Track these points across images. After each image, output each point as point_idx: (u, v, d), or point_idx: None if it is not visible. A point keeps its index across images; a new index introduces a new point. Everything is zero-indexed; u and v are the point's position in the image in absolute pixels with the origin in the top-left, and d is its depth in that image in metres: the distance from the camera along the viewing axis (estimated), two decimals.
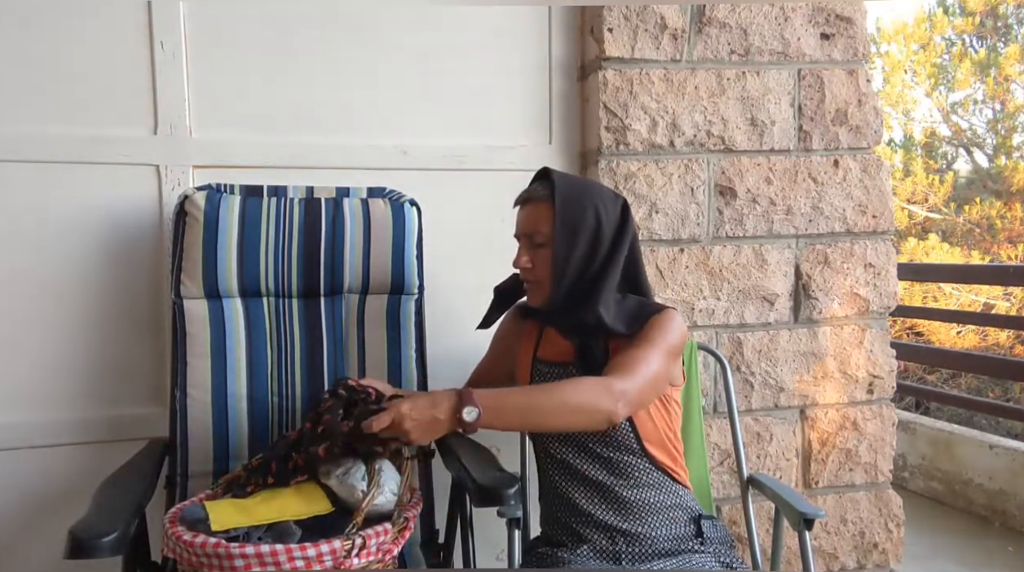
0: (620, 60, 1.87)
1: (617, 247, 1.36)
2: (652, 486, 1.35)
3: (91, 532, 1.03)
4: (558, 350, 1.42)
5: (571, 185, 1.38)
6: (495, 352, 1.62)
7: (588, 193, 1.38)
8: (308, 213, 1.59)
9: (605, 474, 1.35)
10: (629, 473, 1.34)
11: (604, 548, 1.32)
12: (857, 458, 2.07)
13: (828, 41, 2.00)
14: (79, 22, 1.65)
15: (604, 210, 1.36)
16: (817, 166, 2.01)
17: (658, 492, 1.36)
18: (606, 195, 1.40)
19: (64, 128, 1.65)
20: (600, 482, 1.35)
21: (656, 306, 1.38)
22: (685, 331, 1.37)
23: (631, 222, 1.40)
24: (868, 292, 2.06)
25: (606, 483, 1.34)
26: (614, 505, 1.34)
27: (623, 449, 1.34)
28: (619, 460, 1.34)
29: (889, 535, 2.11)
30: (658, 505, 1.35)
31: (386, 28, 1.83)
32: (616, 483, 1.34)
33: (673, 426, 1.40)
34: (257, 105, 1.77)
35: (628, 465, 1.34)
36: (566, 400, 1.21)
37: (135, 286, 1.70)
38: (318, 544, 1.11)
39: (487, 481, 1.21)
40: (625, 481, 1.34)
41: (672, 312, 1.35)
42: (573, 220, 1.34)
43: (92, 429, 1.68)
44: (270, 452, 1.35)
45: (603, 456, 1.35)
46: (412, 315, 1.65)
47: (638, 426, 1.34)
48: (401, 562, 1.43)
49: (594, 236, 1.35)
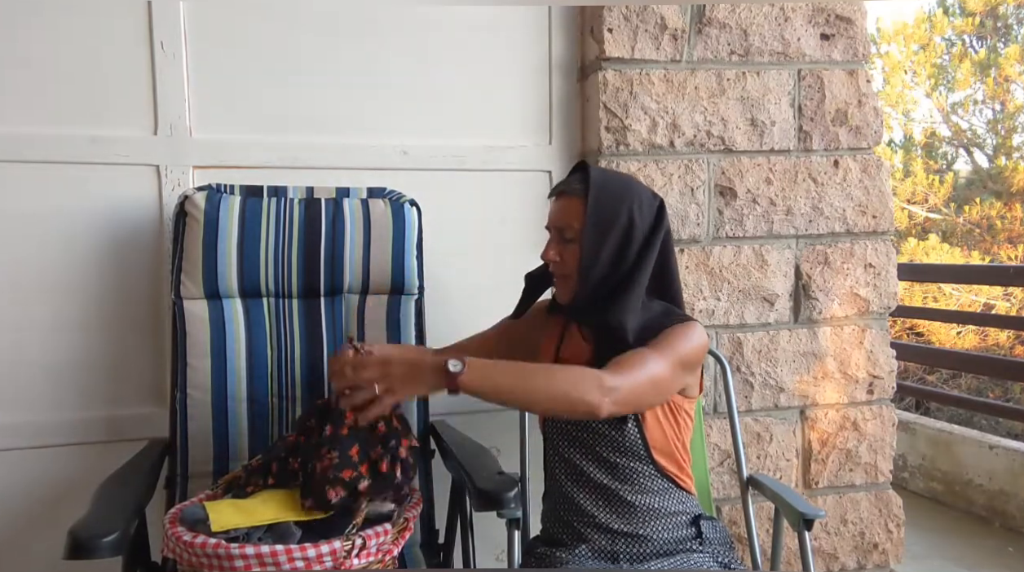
0: (620, 60, 1.87)
1: (648, 249, 1.34)
2: (656, 492, 1.35)
3: (91, 532, 1.03)
4: (578, 351, 1.40)
5: (607, 181, 1.35)
6: (499, 331, 1.56)
7: (624, 191, 1.34)
8: (308, 213, 1.59)
9: (610, 478, 1.34)
10: (635, 479, 1.34)
11: (603, 548, 1.32)
12: (857, 458, 2.07)
13: (828, 41, 2.00)
14: (79, 22, 1.65)
15: (639, 210, 1.33)
16: (817, 166, 2.01)
17: (662, 498, 1.35)
18: (644, 195, 1.36)
19: (64, 128, 1.65)
20: (605, 485, 1.34)
21: (680, 316, 1.35)
22: (705, 344, 1.34)
23: (665, 224, 1.37)
24: (868, 292, 2.06)
25: (611, 487, 1.34)
26: (617, 508, 1.34)
27: (630, 455, 1.34)
28: (625, 465, 1.34)
29: (889, 535, 2.11)
30: (661, 510, 1.34)
31: (386, 28, 1.83)
32: (621, 488, 1.34)
33: (682, 436, 1.38)
34: (257, 105, 1.77)
35: (634, 471, 1.34)
36: (554, 382, 1.18)
37: (135, 286, 1.70)
38: (318, 545, 1.11)
39: (487, 485, 1.21)
40: (630, 486, 1.34)
41: (694, 324, 1.33)
42: (605, 218, 1.31)
43: (92, 429, 1.68)
44: (270, 453, 1.35)
45: (610, 460, 1.34)
46: (412, 315, 1.64)
47: (647, 433, 1.33)
48: (401, 562, 1.43)
49: (625, 236, 1.32)
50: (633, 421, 1.33)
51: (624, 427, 1.32)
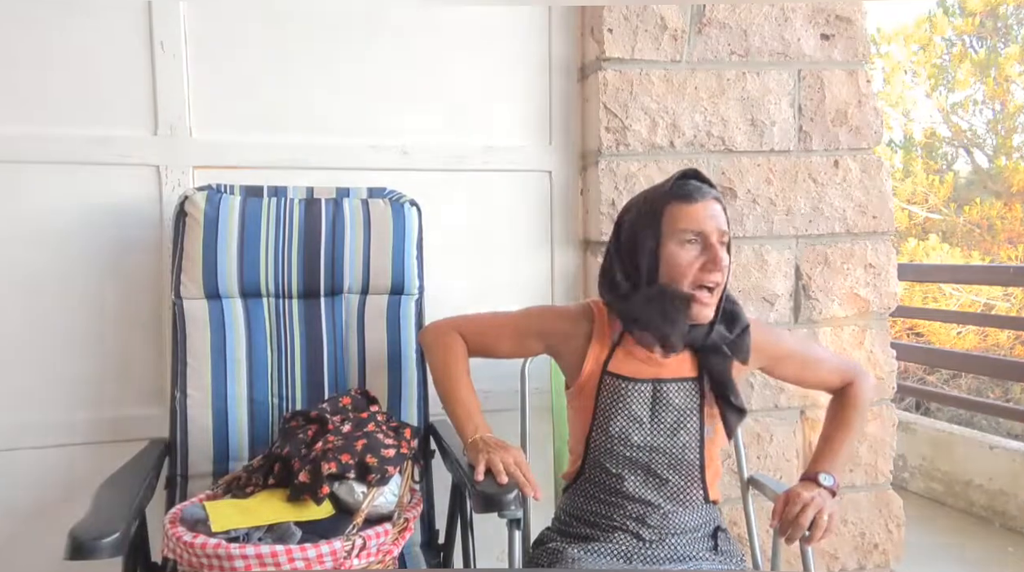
0: (620, 60, 1.87)
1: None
2: (695, 508, 1.37)
3: (91, 533, 1.02)
4: (637, 367, 1.35)
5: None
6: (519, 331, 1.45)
7: None
8: (308, 214, 1.59)
9: (655, 494, 1.34)
10: (679, 497, 1.35)
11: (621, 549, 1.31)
12: (857, 459, 2.07)
13: (828, 42, 2.00)
14: (79, 22, 1.65)
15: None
16: (817, 166, 2.01)
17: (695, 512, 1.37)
18: None
19: (64, 128, 1.65)
20: (648, 501, 1.34)
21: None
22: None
23: None
24: (868, 292, 2.05)
25: (654, 501, 1.34)
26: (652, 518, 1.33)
27: (683, 474, 1.35)
28: (676, 483, 1.34)
29: (889, 536, 2.10)
30: (690, 524, 1.35)
31: (386, 28, 1.83)
32: (665, 504, 1.34)
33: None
34: (257, 105, 1.76)
35: (681, 489, 1.35)
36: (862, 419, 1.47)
37: (135, 287, 1.70)
38: (318, 545, 1.11)
39: (488, 486, 1.21)
40: (673, 506, 1.35)
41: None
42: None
43: (92, 429, 1.68)
44: (270, 453, 1.35)
45: (662, 477, 1.34)
46: (412, 315, 1.64)
47: (705, 453, 1.36)
48: (401, 562, 1.43)
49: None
50: (698, 441, 1.34)
51: (688, 445, 1.34)
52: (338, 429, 1.32)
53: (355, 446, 1.26)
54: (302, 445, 1.29)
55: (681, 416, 1.34)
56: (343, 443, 1.26)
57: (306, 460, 1.24)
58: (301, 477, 1.22)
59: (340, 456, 1.23)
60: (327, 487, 1.21)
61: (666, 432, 1.33)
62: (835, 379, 1.47)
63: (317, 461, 1.22)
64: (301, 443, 1.30)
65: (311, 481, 1.21)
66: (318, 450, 1.25)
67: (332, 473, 1.21)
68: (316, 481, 1.21)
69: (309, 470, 1.22)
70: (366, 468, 1.23)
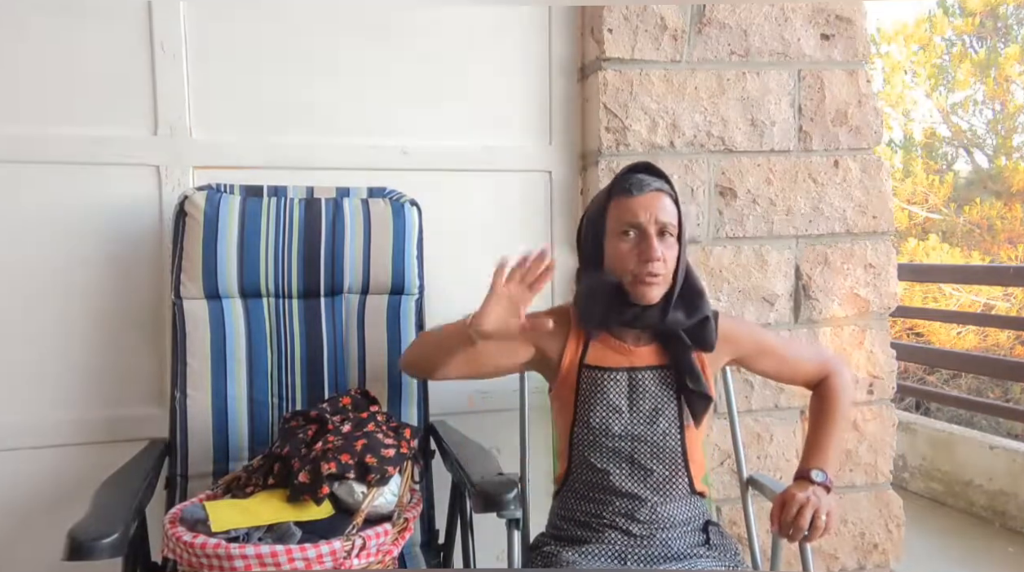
0: (620, 60, 1.87)
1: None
2: (680, 498, 1.38)
3: (91, 534, 1.03)
4: (612, 358, 1.39)
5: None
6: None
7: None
8: (308, 213, 1.59)
9: (641, 486, 1.35)
10: (665, 488, 1.36)
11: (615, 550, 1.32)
12: (857, 459, 2.07)
13: (828, 42, 2.00)
14: (79, 22, 1.65)
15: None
16: (817, 166, 2.01)
17: (682, 505, 1.38)
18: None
19: (64, 128, 1.65)
20: (634, 494, 1.35)
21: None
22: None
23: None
24: (868, 293, 2.05)
25: (640, 495, 1.35)
26: (640, 512, 1.34)
27: (668, 463, 1.36)
28: (660, 473, 1.36)
29: (889, 536, 2.10)
30: (679, 518, 1.36)
31: (386, 28, 1.83)
32: (651, 496, 1.35)
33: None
34: (257, 105, 1.76)
35: (666, 479, 1.36)
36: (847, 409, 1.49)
37: (135, 287, 1.70)
38: (318, 545, 1.11)
39: (487, 486, 1.21)
40: (660, 496, 1.36)
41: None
42: (684, 219, 1.37)
43: (92, 430, 1.68)
44: (270, 453, 1.35)
45: (647, 467, 1.35)
46: (412, 315, 1.65)
47: (687, 440, 1.37)
48: (401, 562, 1.43)
49: (687, 239, 1.38)
50: (678, 428, 1.36)
51: (669, 432, 1.36)
52: (338, 429, 1.32)
53: (355, 446, 1.26)
54: (302, 445, 1.29)
55: (658, 403, 1.37)
56: (343, 443, 1.26)
57: (306, 460, 1.24)
58: (301, 477, 1.22)
59: (340, 456, 1.23)
60: (327, 487, 1.21)
61: (645, 420, 1.36)
62: (812, 371, 1.49)
63: (317, 461, 1.22)
64: (301, 443, 1.30)
65: (311, 481, 1.21)
66: (318, 450, 1.25)
67: (332, 473, 1.21)
68: (316, 481, 1.21)
69: (309, 470, 1.22)
70: (366, 468, 1.23)
